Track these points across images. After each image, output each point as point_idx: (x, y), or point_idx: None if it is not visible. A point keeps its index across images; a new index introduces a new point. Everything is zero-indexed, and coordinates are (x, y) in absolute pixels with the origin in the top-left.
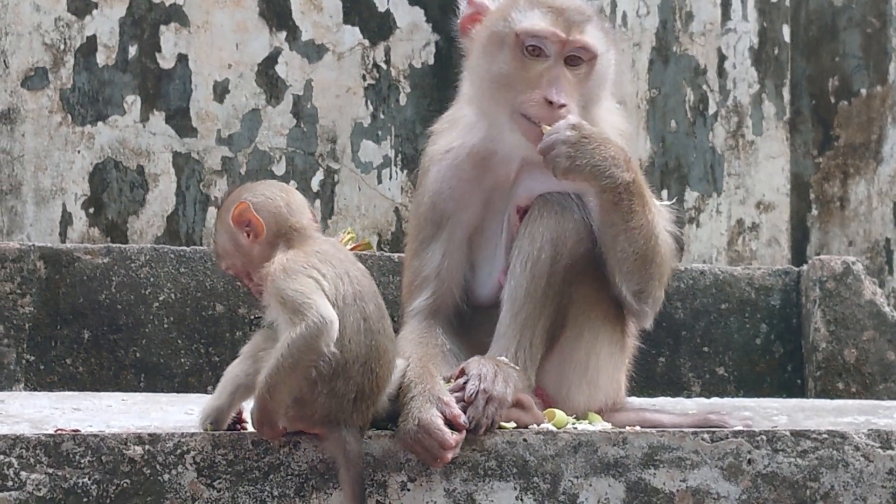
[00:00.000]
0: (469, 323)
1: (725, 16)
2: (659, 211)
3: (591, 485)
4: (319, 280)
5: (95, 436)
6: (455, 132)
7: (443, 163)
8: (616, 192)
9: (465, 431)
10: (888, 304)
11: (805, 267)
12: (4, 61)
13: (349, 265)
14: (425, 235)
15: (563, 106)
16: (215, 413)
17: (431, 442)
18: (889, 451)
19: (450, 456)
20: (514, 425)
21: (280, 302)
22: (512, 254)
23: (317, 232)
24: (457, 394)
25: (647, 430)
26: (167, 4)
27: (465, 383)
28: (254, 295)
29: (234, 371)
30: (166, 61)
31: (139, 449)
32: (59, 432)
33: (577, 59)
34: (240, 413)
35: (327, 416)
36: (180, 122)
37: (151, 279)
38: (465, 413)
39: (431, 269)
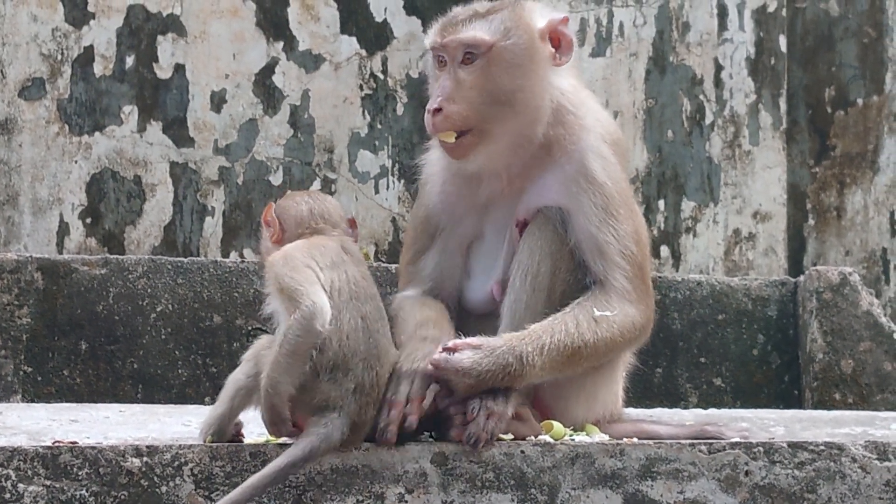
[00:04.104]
0: (464, 332)
1: (722, 26)
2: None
3: (588, 496)
4: (315, 270)
5: (93, 448)
6: None
7: (436, 177)
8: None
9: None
10: (885, 315)
11: (802, 277)
12: (2, 71)
13: (350, 266)
14: (419, 247)
15: (438, 111)
16: (217, 421)
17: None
18: (886, 463)
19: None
20: (512, 437)
21: (277, 288)
22: (512, 267)
23: (343, 235)
24: (459, 415)
25: (645, 441)
26: (164, 15)
27: (468, 398)
28: None
29: (235, 376)
30: (163, 71)
31: (137, 461)
32: (57, 444)
33: (469, 56)
34: (238, 426)
35: (326, 401)
36: (177, 131)
37: (149, 290)
38: (466, 428)
39: (426, 273)
